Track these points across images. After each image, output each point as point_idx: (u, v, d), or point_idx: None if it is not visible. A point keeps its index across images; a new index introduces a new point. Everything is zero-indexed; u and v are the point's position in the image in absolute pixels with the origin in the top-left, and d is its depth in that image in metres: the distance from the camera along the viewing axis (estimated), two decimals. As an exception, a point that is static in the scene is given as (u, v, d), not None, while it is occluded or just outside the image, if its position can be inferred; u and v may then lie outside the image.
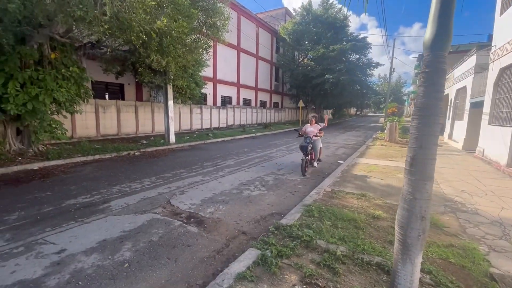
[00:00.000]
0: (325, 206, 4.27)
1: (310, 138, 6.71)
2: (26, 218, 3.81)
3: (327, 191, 5.20)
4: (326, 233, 3.29)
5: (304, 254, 2.88)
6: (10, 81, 6.59)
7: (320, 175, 6.86)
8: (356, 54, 27.26)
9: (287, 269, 2.60)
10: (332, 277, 2.47)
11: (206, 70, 16.09)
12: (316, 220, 3.76)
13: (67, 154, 8.00)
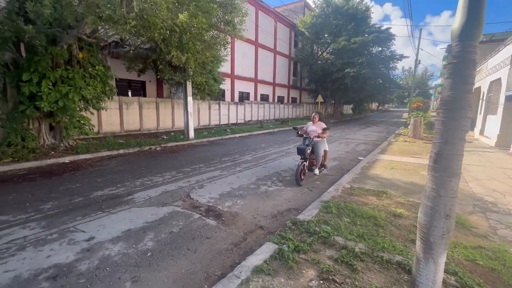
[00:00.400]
0: (344, 203, 4.20)
1: (310, 139, 5.63)
2: (59, 207, 4.10)
3: (346, 188, 5.10)
4: (344, 230, 3.24)
5: (322, 250, 2.87)
6: (44, 80, 7.05)
7: (339, 171, 6.73)
8: (378, 47, 26.13)
9: (304, 264, 2.60)
10: (350, 274, 2.45)
11: (224, 66, 16.22)
12: (334, 216, 3.72)
13: (94, 149, 8.45)
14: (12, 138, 7.10)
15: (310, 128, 5.95)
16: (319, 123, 5.93)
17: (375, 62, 24.71)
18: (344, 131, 17.52)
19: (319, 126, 5.84)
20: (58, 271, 2.56)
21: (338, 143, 11.84)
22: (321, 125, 5.87)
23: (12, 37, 6.57)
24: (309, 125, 6.06)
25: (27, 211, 3.91)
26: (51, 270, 2.56)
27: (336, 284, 2.30)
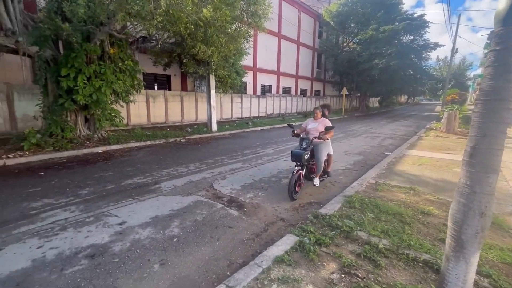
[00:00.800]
0: (368, 198, 4.08)
1: (309, 140, 4.45)
2: (95, 193, 4.43)
3: (371, 183, 4.95)
4: (367, 225, 3.17)
5: (344, 244, 2.84)
6: (79, 75, 7.55)
7: (364, 166, 6.52)
8: (410, 35, 24.49)
9: (325, 257, 2.60)
10: (373, 269, 2.40)
11: (247, 59, 16.19)
12: (357, 211, 3.64)
13: (124, 140, 8.94)
14: (53, 129, 7.72)
15: (310, 125, 4.73)
16: (322, 119, 4.71)
17: (406, 52, 23.27)
18: (370, 125, 16.85)
19: (322, 124, 4.60)
20: (95, 250, 2.79)
21: (363, 137, 11.43)
22: (324, 122, 4.62)
23: (52, 35, 7.07)
24: (309, 122, 4.84)
25: (67, 196, 4.28)
26: (89, 250, 2.80)
27: (358, 278, 2.27)
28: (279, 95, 21.94)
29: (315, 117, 4.77)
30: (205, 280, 2.38)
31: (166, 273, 2.46)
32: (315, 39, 28.00)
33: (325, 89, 31.68)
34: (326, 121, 4.66)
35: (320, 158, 4.52)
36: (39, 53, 7.23)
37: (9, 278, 2.34)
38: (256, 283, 2.20)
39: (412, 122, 19.09)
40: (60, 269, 2.47)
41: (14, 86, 8.90)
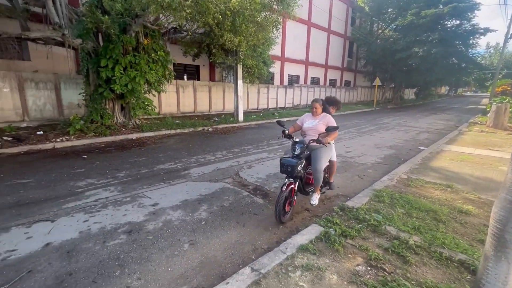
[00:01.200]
0: (399, 193, 3.91)
1: (303, 145, 3.29)
2: (130, 176, 4.77)
3: (402, 178, 4.71)
4: (397, 220, 3.05)
5: (371, 238, 2.77)
6: (117, 66, 8.01)
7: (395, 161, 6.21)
8: (456, 20, 22.16)
9: (350, 249, 2.56)
10: (402, 265, 2.33)
11: (275, 48, 15.96)
12: (386, 206, 3.51)
13: (156, 128, 9.41)
14: (94, 116, 8.35)
15: (308, 124, 3.60)
16: (323, 116, 3.55)
17: (450, 38, 21.17)
18: (404, 118, 15.87)
19: (323, 122, 3.46)
20: (132, 227, 3.03)
21: (396, 131, 10.83)
22: (327, 120, 3.47)
23: (93, 28, 7.55)
24: (306, 118, 3.68)
25: (107, 177, 4.66)
26: (127, 226, 3.05)
27: (385, 272, 2.22)
28: (307, 85, 21.40)
29: (314, 112, 3.59)
30: (231, 262, 2.48)
31: (195, 253, 2.60)
32: (347, 27, 26.62)
33: (355, 80, 30.24)
34: (329, 118, 3.48)
35: (319, 168, 3.33)
36: (82, 45, 7.78)
37: (62, 245, 2.65)
38: (280, 268, 2.25)
39: (452, 116, 17.62)
40: (103, 242, 2.74)
41: (61, 76, 9.71)
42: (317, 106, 3.56)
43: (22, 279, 2.18)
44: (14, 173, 4.71)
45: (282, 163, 3.18)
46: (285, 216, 3.21)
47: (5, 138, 6.91)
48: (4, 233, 2.83)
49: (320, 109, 3.58)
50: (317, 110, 3.58)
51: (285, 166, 3.14)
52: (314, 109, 3.59)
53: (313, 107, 3.61)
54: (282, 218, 3.12)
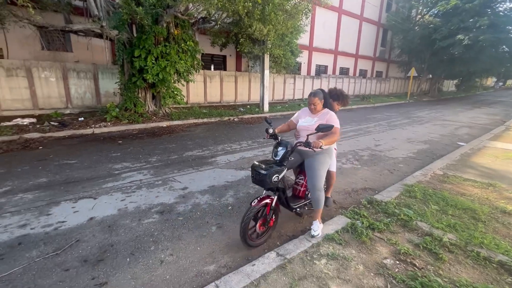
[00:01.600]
0: (432, 190, 3.71)
1: (287, 148, 2.53)
2: (161, 161, 5.03)
3: (437, 174, 4.44)
4: (430, 217, 2.91)
5: (400, 232, 2.68)
6: (149, 56, 8.34)
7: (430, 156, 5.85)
8: (510, 1, 19.76)
9: (378, 242, 2.51)
10: (434, 262, 2.23)
11: (303, 37, 15.53)
12: (418, 202, 3.36)
13: (184, 116, 9.74)
14: (127, 104, 8.84)
15: (303, 122, 2.79)
16: (324, 113, 2.69)
17: (502, 23, 18.93)
18: (441, 111, 14.77)
19: (322, 120, 2.62)
20: (164, 208, 3.23)
21: (431, 125, 10.14)
22: (327, 118, 2.62)
23: (128, 19, 7.89)
24: (303, 113, 2.89)
25: (141, 161, 4.96)
26: (159, 207, 3.26)
27: (415, 268, 2.15)
28: (335, 76, 20.64)
29: (313, 109, 2.71)
30: (256, 249, 2.55)
31: (222, 235, 2.72)
32: (382, 13, 24.98)
33: (388, 70, 28.53)
34: (331, 116, 2.62)
35: (317, 185, 2.53)
36: (118, 36, 8.19)
37: (103, 220, 2.91)
38: (306, 255, 2.28)
39: (499, 110, 16.04)
40: (138, 219, 2.96)
41: (98, 66, 10.35)
42: (315, 102, 2.64)
43: (71, 247, 2.44)
44: (61, 155, 5.20)
45: (253, 169, 2.41)
46: (257, 239, 2.49)
47: (52, 123, 7.60)
48: (55, 207, 3.17)
49: (320, 105, 2.68)
50: (316, 106, 2.67)
51: (255, 174, 2.37)
52: (312, 105, 2.67)
53: (310, 102, 2.67)
54: (249, 241, 2.37)
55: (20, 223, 2.81)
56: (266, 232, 2.58)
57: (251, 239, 2.41)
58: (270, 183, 2.31)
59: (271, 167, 2.34)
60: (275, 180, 2.33)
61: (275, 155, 2.54)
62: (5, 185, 3.73)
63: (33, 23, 7.27)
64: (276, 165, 2.40)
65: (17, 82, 8.58)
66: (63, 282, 2.03)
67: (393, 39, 26.25)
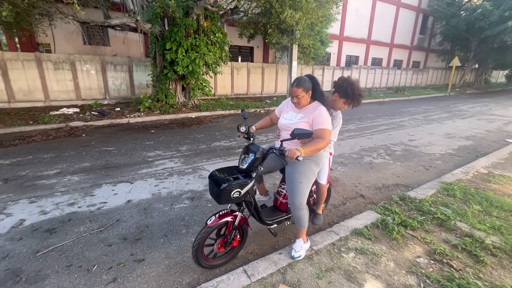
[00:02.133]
0: (475, 189, 3.43)
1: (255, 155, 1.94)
2: (191, 150, 5.23)
3: (481, 173, 4.10)
4: (471, 217, 2.71)
5: (436, 232, 2.54)
6: (179, 48, 8.58)
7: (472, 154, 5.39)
8: None
9: (411, 239, 2.40)
10: (474, 264, 2.09)
11: (333, 26, 14.90)
12: (457, 201, 3.13)
13: (212, 108, 9.95)
14: (159, 96, 9.25)
15: (285, 119, 2.15)
16: (312, 107, 2.02)
17: None
18: (488, 105, 13.45)
19: (308, 118, 1.99)
20: (194, 195, 3.38)
21: (476, 119, 9.30)
22: (314, 114, 1.97)
23: (160, 13, 8.16)
24: (286, 107, 2.25)
25: (172, 150, 5.20)
26: (189, 193, 3.41)
27: (452, 269, 2.03)
28: (367, 67, 19.61)
29: (296, 102, 2.02)
30: (282, 236, 2.58)
31: (250, 223, 2.77)
32: (422, -3, 23.02)
33: (427, 60, 26.41)
34: (319, 113, 1.96)
35: (296, 203, 2.04)
36: (151, 29, 8.52)
37: (139, 203, 3.13)
38: (333, 248, 2.26)
39: (558, 104, 14.20)
40: (170, 204, 3.13)
41: (133, 59, 10.89)
42: (299, 94, 1.94)
43: (113, 225, 2.67)
44: (101, 142, 5.62)
45: (211, 178, 1.94)
46: (215, 260, 2.08)
47: (93, 112, 8.21)
48: (98, 189, 3.47)
49: (306, 98, 1.98)
50: (300, 100, 1.98)
51: (211, 185, 1.93)
52: (295, 98, 1.98)
53: (292, 94, 1.99)
54: (203, 261, 1.98)
55: (69, 201, 3.12)
56: (227, 253, 2.14)
57: (207, 260, 2.02)
58: (228, 200, 1.82)
59: (233, 178, 1.86)
60: (236, 196, 1.83)
61: (241, 162, 2.00)
62: (55, 167, 4.15)
63: (77, 19, 7.83)
64: (241, 176, 1.90)
65: (63, 75, 9.35)
66: (106, 256, 2.23)
67: (434, 25, 24.16)
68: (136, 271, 2.07)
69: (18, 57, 8.50)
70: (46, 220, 2.73)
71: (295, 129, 1.77)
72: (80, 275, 2.02)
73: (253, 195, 2.08)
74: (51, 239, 2.44)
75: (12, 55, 8.44)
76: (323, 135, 1.89)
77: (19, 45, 9.99)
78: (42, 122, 6.86)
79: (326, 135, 1.89)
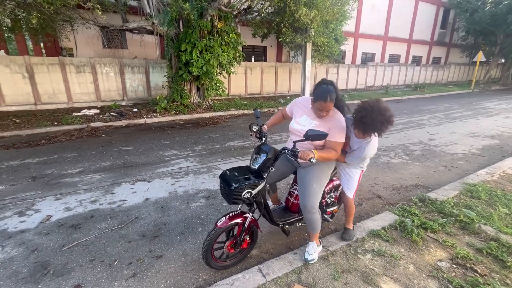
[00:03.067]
0: (501, 191, 3.26)
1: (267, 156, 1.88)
2: (206, 150, 5.31)
3: (508, 174, 3.88)
4: (497, 221, 2.58)
5: (458, 235, 2.44)
6: (194, 49, 8.72)
7: (498, 153, 5.12)
8: None
9: (431, 242, 2.32)
10: (500, 269, 1.99)
11: (348, 23, 14.59)
12: (482, 203, 2.99)
13: (226, 108, 10.04)
14: (175, 96, 9.44)
15: (297, 124, 2.06)
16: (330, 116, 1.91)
17: None
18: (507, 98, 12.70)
19: (324, 123, 1.92)
20: (209, 193, 3.43)
21: (502, 117, 8.82)
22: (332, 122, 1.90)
23: (176, 16, 8.33)
24: (298, 109, 2.09)
25: (187, 149, 5.30)
26: (205, 192, 3.47)
27: (476, 274, 1.94)
28: (384, 64, 19.04)
29: (318, 110, 1.85)
30: (297, 236, 2.57)
31: (264, 223, 2.75)
32: (443, -10, 22.05)
33: (448, 56, 25.28)
34: (337, 121, 1.90)
35: (309, 205, 1.98)
36: (167, 32, 8.71)
37: (157, 201, 3.22)
38: (349, 249, 2.22)
39: None
40: (187, 202, 3.20)
41: (149, 61, 11.19)
42: (330, 107, 1.84)
43: (132, 222, 2.76)
44: (120, 142, 5.83)
45: (222, 178, 1.94)
46: (225, 261, 2.11)
47: (112, 113, 8.52)
48: (118, 187, 3.60)
49: (329, 107, 1.83)
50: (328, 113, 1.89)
51: (222, 185, 1.93)
52: (324, 112, 1.86)
53: (321, 108, 1.82)
54: (213, 263, 2.01)
55: (91, 199, 3.26)
56: (237, 254, 2.15)
57: (216, 261, 2.04)
58: (239, 200, 1.81)
59: (245, 178, 1.83)
60: (246, 196, 1.81)
61: (253, 162, 1.96)
62: (78, 166, 4.35)
63: (97, 23, 8.14)
64: (253, 177, 1.87)
65: (84, 78, 9.76)
66: (126, 252, 2.32)
67: (456, 19, 23.09)
68: (154, 267, 2.14)
69: (44, 62, 8.97)
70: (71, 216, 2.87)
71: (308, 130, 1.67)
72: (102, 269, 2.12)
73: (264, 196, 2.05)
74: (76, 234, 2.56)
75: (38, 60, 8.92)
76: (336, 148, 1.87)
77: (44, 50, 10.54)
78: (65, 123, 7.20)
79: (338, 148, 1.88)
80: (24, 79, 8.75)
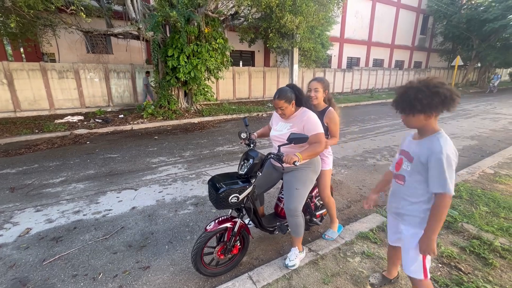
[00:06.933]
0: (481, 190, 3.39)
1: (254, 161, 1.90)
2: (194, 156, 5.25)
3: (487, 173, 4.05)
4: (478, 219, 2.67)
5: (442, 234, 2.50)
6: (181, 55, 8.66)
7: (478, 153, 5.34)
8: None
9: (418, 243, 2.37)
10: (482, 267, 2.06)
11: (334, 28, 14.95)
12: (464, 202, 3.09)
13: (214, 113, 10.00)
14: (162, 102, 9.32)
15: (275, 131, 2.15)
16: (299, 114, 2.01)
17: None
18: (492, 103, 13.34)
19: (298, 124, 1.98)
20: (198, 200, 3.38)
21: (480, 119, 9.22)
22: (304, 119, 1.96)
23: (162, 21, 8.27)
24: (275, 118, 2.24)
25: (175, 156, 5.22)
26: (193, 199, 3.42)
27: (460, 272, 2.00)
28: (368, 68, 19.60)
29: (281, 114, 2.01)
30: (287, 241, 2.56)
31: (253, 228, 2.73)
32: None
33: (428, 60, 26.33)
34: (309, 118, 1.95)
35: (292, 208, 2.00)
36: (154, 37, 8.62)
37: (144, 209, 3.14)
38: (338, 252, 2.24)
39: None
40: (175, 210, 3.13)
41: (135, 66, 11.03)
42: (282, 106, 1.93)
43: (118, 233, 2.68)
44: (105, 149, 5.67)
45: (210, 183, 1.96)
46: (216, 268, 2.08)
47: (97, 120, 8.30)
48: (103, 196, 3.49)
49: (290, 108, 1.96)
50: (284, 111, 1.96)
51: (210, 190, 1.93)
52: (279, 110, 1.97)
53: (275, 106, 1.96)
54: (203, 269, 1.97)
55: (74, 209, 3.14)
56: (228, 261, 2.12)
57: (206, 267, 2.00)
58: (226, 205, 1.82)
59: (232, 183, 1.85)
60: (234, 201, 1.82)
61: (241, 168, 2.00)
62: (61, 175, 4.19)
63: (80, 28, 7.96)
64: (240, 181, 1.90)
65: (67, 84, 9.48)
66: (112, 264, 2.24)
67: (434, 25, 24.14)
68: (141, 278, 2.07)
69: (24, 67, 8.66)
70: (52, 229, 2.75)
71: (291, 134, 1.74)
72: (86, 283, 2.03)
73: (253, 201, 2.08)
74: (57, 247, 2.45)
75: (17, 65, 8.60)
76: (318, 139, 1.92)
77: (24, 55, 10.18)
78: (47, 131, 6.94)
79: (321, 138, 1.92)
80: (3, 85, 8.40)
